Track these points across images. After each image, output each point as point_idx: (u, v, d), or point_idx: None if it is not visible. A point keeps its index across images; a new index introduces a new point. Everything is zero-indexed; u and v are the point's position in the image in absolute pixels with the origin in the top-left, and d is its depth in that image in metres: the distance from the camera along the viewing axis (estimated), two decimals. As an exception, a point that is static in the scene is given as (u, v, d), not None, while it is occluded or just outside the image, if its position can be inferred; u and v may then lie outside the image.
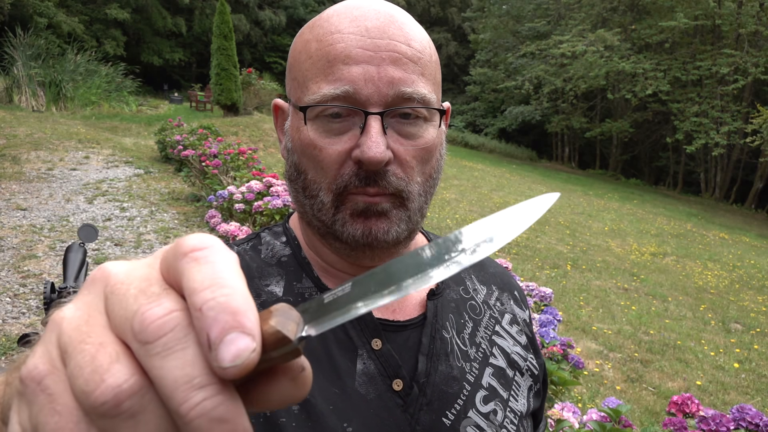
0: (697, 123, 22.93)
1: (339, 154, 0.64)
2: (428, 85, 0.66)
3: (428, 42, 0.69)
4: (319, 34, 0.66)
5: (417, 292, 0.75)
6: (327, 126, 0.64)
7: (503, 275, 0.90)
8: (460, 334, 0.75)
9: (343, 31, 0.64)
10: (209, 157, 7.65)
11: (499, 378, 0.75)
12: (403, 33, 0.65)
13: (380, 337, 0.68)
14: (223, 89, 15.72)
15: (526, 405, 0.78)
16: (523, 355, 0.81)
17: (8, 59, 16.64)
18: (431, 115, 0.67)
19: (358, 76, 0.62)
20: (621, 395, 4.50)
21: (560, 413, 2.06)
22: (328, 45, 0.64)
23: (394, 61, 0.63)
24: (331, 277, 0.73)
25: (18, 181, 8.49)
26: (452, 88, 38.39)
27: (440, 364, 0.70)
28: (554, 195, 0.37)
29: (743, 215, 20.57)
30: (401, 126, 0.65)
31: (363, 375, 0.66)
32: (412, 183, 0.67)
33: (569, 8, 28.32)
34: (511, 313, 0.84)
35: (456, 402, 0.69)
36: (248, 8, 32.74)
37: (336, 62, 0.63)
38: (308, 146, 0.65)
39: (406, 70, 0.64)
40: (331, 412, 0.62)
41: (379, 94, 0.62)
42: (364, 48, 0.63)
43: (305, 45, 0.67)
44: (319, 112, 0.64)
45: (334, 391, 0.64)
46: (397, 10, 0.68)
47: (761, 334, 6.58)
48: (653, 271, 9.07)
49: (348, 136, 0.64)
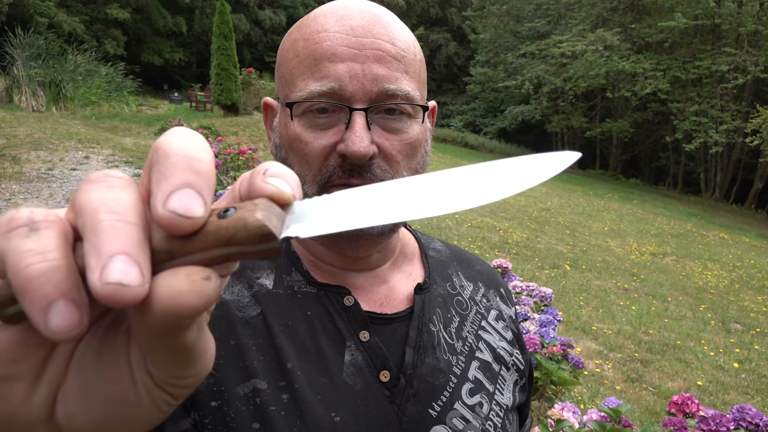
0: (696, 122, 22.93)
1: (324, 147, 0.66)
2: (412, 82, 0.68)
3: (413, 41, 0.71)
4: (305, 33, 0.68)
5: (404, 286, 0.77)
6: (313, 121, 0.66)
7: (489, 273, 0.92)
8: (447, 328, 0.76)
9: (329, 30, 0.66)
10: (209, 157, 7.64)
11: (485, 372, 0.76)
12: (387, 32, 0.67)
13: (368, 329, 0.69)
14: (223, 89, 15.71)
15: (512, 399, 0.79)
16: (509, 350, 0.82)
17: (8, 59, 16.63)
18: (415, 112, 0.69)
19: (344, 73, 0.64)
20: (621, 395, 4.50)
21: (560, 413, 2.06)
22: (315, 43, 0.66)
23: (378, 58, 0.65)
24: (320, 271, 0.74)
25: (18, 181, 8.49)
26: (452, 88, 38.36)
27: (427, 356, 0.71)
28: (574, 155, 0.34)
29: (743, 215, 20.57)
30: (386, 122, 0.67)
31: (351, 366, 0.67)
32: (398, 177, 0.68)
33: (569, 8, 28.30)
34: (497, 310, 0.85)
35: (442, 394, 0.70)
36: (248, 8, 32.72)
37: (322, 60, 0.65)
38: (295, 140, 0.67)
39: (390, 68, 0.65)
40: (319, 402, 0.63)
41: (364, 90, 0.64)
42: (349, 46, 0.65)
43: (293, 44, 0.69)
44: (305, 108, 0.66)
45: (323, 381, 0.65)
46: (381, 10, 0.70)
47: (761, 334, 6.58)
48: (653, 271, 9.07)
49: (333, 131, 0.66)
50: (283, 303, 0.69)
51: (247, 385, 0.63)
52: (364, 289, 0.74)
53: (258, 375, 0.63)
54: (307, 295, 0.71)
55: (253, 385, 0.63)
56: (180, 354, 0.29)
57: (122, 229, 0.26)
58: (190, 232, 0.27)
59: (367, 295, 0.74)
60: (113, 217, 0.26)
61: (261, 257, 0.27)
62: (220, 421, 0.61)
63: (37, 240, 0.26)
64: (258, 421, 0.61)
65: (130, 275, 0.25)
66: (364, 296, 0.73)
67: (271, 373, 0.64)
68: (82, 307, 0.25)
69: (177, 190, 0.27)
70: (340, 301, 0.70)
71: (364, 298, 0.73)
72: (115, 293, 0.24)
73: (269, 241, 0.27)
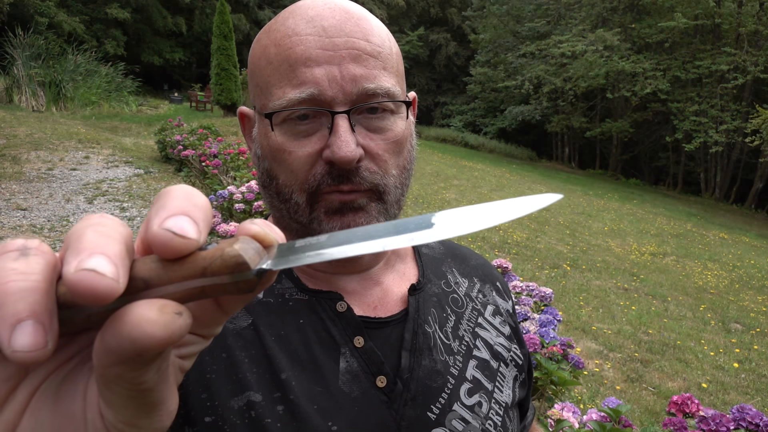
0: (696, 122, 22.94)
1: (309, 155, 0.64)
2: (391, 78, 0.66)
3: (387, 35, 0.69)
4: (276, 38, 0.65)
5: (398, 287, 0.76)
6: (294, 129, 0.64)
7: (484, 267, 0.90)
8: (443, 327, 0.75)
9: (300, 33, 0.64)
10: (209, 157, 7.66)
11: (483, 370, 0.75)
12: (360, 29, 0.65)
13: (362, 334, 0.68)
14: (223, 89, 15.73)
15: (512, 395, 0.78)
16: (507, 345, 0.81)
17: (8, 59, 16.64)
18: (398, 108, 0.68)
19: (321, 77, 0.62)
20: (621, 395, 4.50)
21: (560, 413, 2.06)
22: (288, 48, 0.64)
23: (354, 58, 0.63)
24: (310, 278, 0.73)
25: (18, 181, 8.49)
26: (452, 88, 38.35)
27: (423, 358, 0.70)
28: (555, 196, 0.35)
29: (743, 215, 20.57)
30: (369, 121, 0.65)
31: (346, 373, 0.66)
32: (388, 176, 0.67)
33: (569, 8, 28.31)
34: (493, 304, 0.84)
35: (440, 396, 0.69)
36: (248, 8, 32.74)
37: (297, 65, 0.63)
38: (277, 151, 0.65)
39: (368, 66, 0.64)
40: (315, 412, 0.62)
41: (344, 92, 0.63)
42: (323, 48, 0.63)
43: (264, 50, 0.67)
44: (285, 117, 0.64)
45: (318, 391, 0.64)
46: (351, 5, 0.68)
47: (761, 334, 6.58)
48: (653, 271, 9.07)
49: (317, 137, 0.64)
50: (275, 312, 0.68)
51: (241, 398, 0.62)
52: (357, 292, 0.73)
53: (252, 387, 0.62)
54: (298, 302, 0.70)
55: (247, 398, 0.62)
56: (135, 396, 0.29)
57: (105, 239, 0.27)
58: (179, 255, 0.27)
59: (360, 298, 0.73)
60: (101, 229, 0.28)
61: (235, 290, 0.28)
62: None
63: (24, 263, 0.27)
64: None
65: (105, 267, 0.25)
66: (357, 300, 0.72)
67: (265, 384, 0.63)
68: (50, 332, 0.26)
69: (174, 215, 0.28)
70: (333, 307, 0.69)
71: (357, 302, 0.72)
72: (89, 280, 0.25)
73: (242, 272, 0.27)
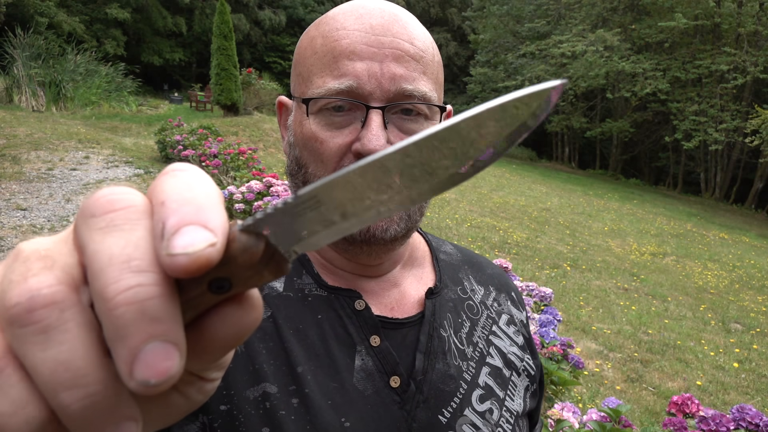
0: (696, 122, 22.95)
1: (339, 147, 0.65)
2: (429, 83, 0.67)
3: (431, 42, 0.71)
4: (324, 31, 0.67)
5: (415, 290, 0.76)
6: (329, 119, 0.65)
7: (501, 276, 0.91)
8: (458, 333, 0.75)
9: (348, 27, 0.66)
10: (209, 157, 7.66)
11: (495, 377, 0.76)
12: (406, 32, 0.67)
13: (379, 333, 0.69)
14: (223, 89, 15.72)
15: (522, 405, 0.78)
16: (520, 355, 0.82)
17: (8, 59, 16.64)
18: (432, 113, 0.68)
19: (362, 71, 0.63)
20: (621, 395, 4.50)
21: (560, 413, 2.06)
22: (334, 41, 0.65)
23: (396, 58, 0.65)
24: (330, 274, 0.74)
25: (18, 181, 8.49)
26: (452, 88, 38.36)
27: (437, 362, 0.71)
28: (556, 82, 0.26)
29: (743, 215, 20.57)
30: (402, 122, 0.66)
31: (361, 371, 0.67)
32: None
33: (569, 8, 28.31)
34: (508, 314, 0.85)
35: (452, 400, 0.69)
36: (248, 8, 32.72)
37: (341, 57, 0.64)
38: (310, 139, 0.66)
39: (408, 68, 0.65)
40: (329, 407, 0.63)
41: (381, 89, 0.64)
42: (368, 44, 0.64)
43: (311, 41, 0.69)
44: (322, 106, 0.65)
45: (333, 386, 0.65)
46: (400, 10, 0.70)
47: (761, 334, 6.58)
48: (653, 271, 9.07)
49: (349, 129, 0.65)
50: (294, 306, 0.69)
51: (257, 389, 0.62)
52: (375, 293, 0.74)
53: (268, 379, 0.63)
54: (317, 298, 0.70)
55: (263, 389, 0.62)
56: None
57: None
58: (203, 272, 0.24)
59: (378, 299, 0.73)
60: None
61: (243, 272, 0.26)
62: (229, 425, 0.60)
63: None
64: (268, 426, 0.61)
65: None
66: (375, 300, 0.73)
67: (281, 376, 0.64)
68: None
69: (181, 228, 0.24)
70: (351, 305, 0.70)
71: (375, 302, 0.73)
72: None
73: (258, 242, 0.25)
